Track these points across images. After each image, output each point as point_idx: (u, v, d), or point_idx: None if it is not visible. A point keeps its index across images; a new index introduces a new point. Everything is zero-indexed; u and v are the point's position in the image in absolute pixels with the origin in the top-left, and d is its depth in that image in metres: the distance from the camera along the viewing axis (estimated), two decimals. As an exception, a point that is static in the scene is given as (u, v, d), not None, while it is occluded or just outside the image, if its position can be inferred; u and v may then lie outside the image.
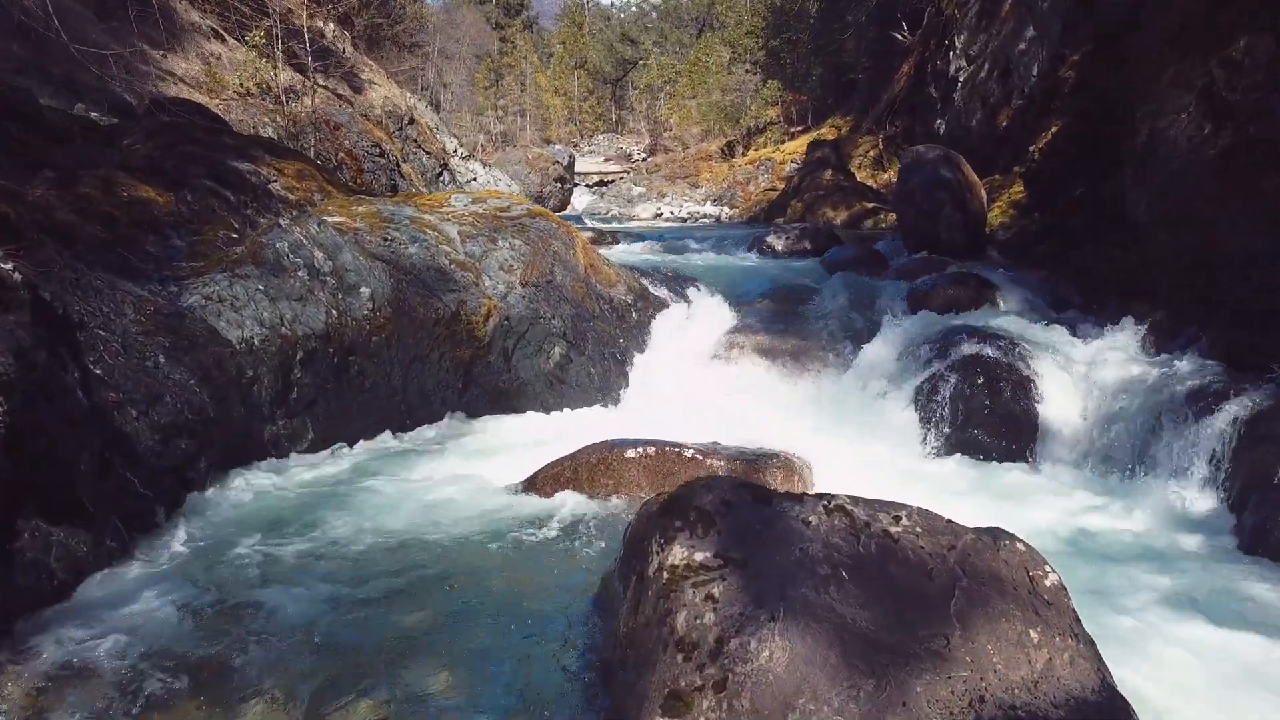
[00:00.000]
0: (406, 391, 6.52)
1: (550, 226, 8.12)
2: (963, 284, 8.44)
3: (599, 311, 7.91)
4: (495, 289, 6.99)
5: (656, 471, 5.30)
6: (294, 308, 5.72)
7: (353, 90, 22.81)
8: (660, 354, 8.03)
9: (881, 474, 5.52)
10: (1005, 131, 14.49)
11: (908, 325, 7.66)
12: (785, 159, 30.67)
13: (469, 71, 60.96)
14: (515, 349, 7.12)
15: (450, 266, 6.81)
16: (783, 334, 7.95)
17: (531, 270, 7.31)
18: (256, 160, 8.17)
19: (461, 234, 7.45)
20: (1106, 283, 8.40)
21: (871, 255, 10.38)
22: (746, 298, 8.91)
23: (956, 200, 11.88)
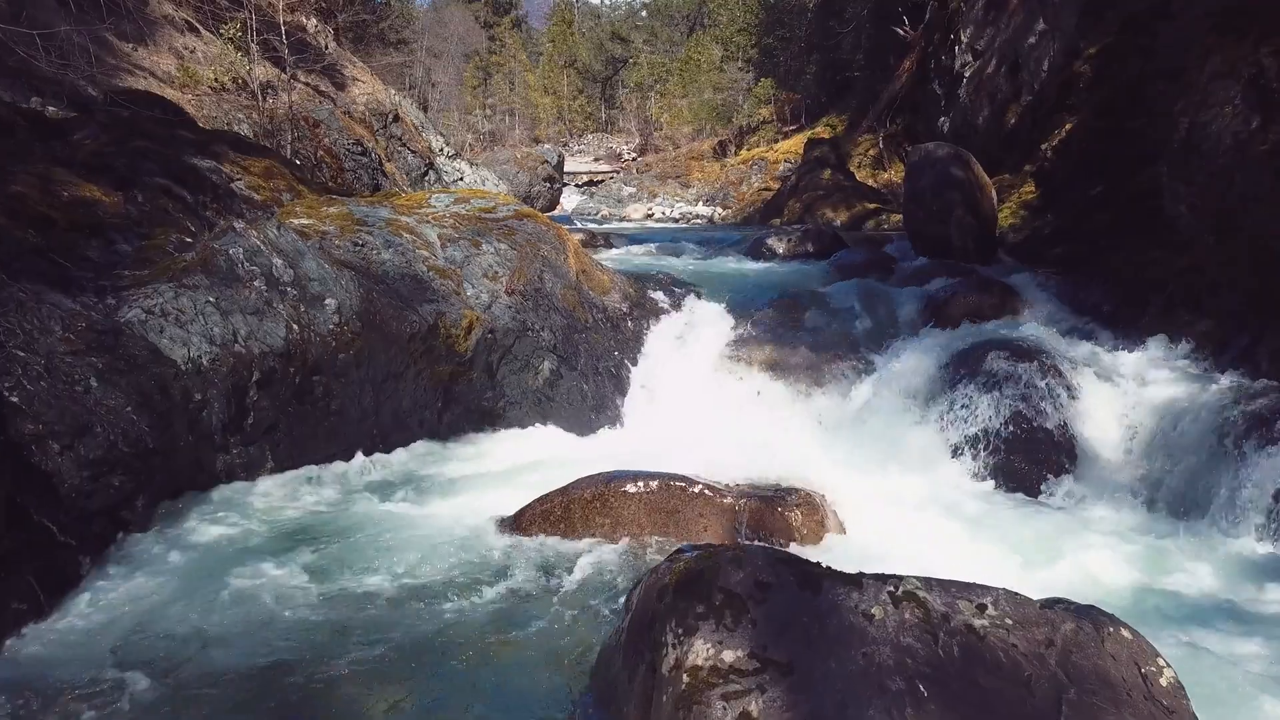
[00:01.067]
0: (379, 413, 5.86)
1: (539, 229, 7.47)
2: (985, 291, 7.82)
3: (592, 321, 7.26)
4: (478, 298, 6.33)
5: (659, 509, 4.66)
6: (249, 322, 5.05)
7: (335, 87, 22.10)
8: (658, 367, 7.39)
9: (911, 510, 4.89)
10: (1014, 129, 13.89)
11: (929, 337, 7.04)
12: (779, 158, 30.07)
13: (457, 70, 60.26)
14: (500, 364, 6.47)
15: (428, 274, 6.15)
16: (791, 345, 7.31)
17: (518, 277, 6.66)
18: (219, 157, 7.50)
19: (442, 237, 6.80)
20: (1142, 289, 7.79)
21: (881, 259, 9.76)
22: (750, 305, 8.27)
23: (968, 201, 11.26)
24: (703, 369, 7.33)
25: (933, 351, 6.56)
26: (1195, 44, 7.90)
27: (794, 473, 5.04)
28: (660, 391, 7.17)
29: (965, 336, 6.71)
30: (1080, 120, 11.86)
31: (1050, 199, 12.33)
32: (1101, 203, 10.97)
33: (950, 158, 11.46)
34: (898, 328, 7.69)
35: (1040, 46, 13.38)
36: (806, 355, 7.14)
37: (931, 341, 6.82)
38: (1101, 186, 11.19)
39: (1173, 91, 8.17)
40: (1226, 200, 6.91)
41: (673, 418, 6.91)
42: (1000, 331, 6.71)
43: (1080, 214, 11.41)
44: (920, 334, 7.34)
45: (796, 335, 7.52)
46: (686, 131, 43.01)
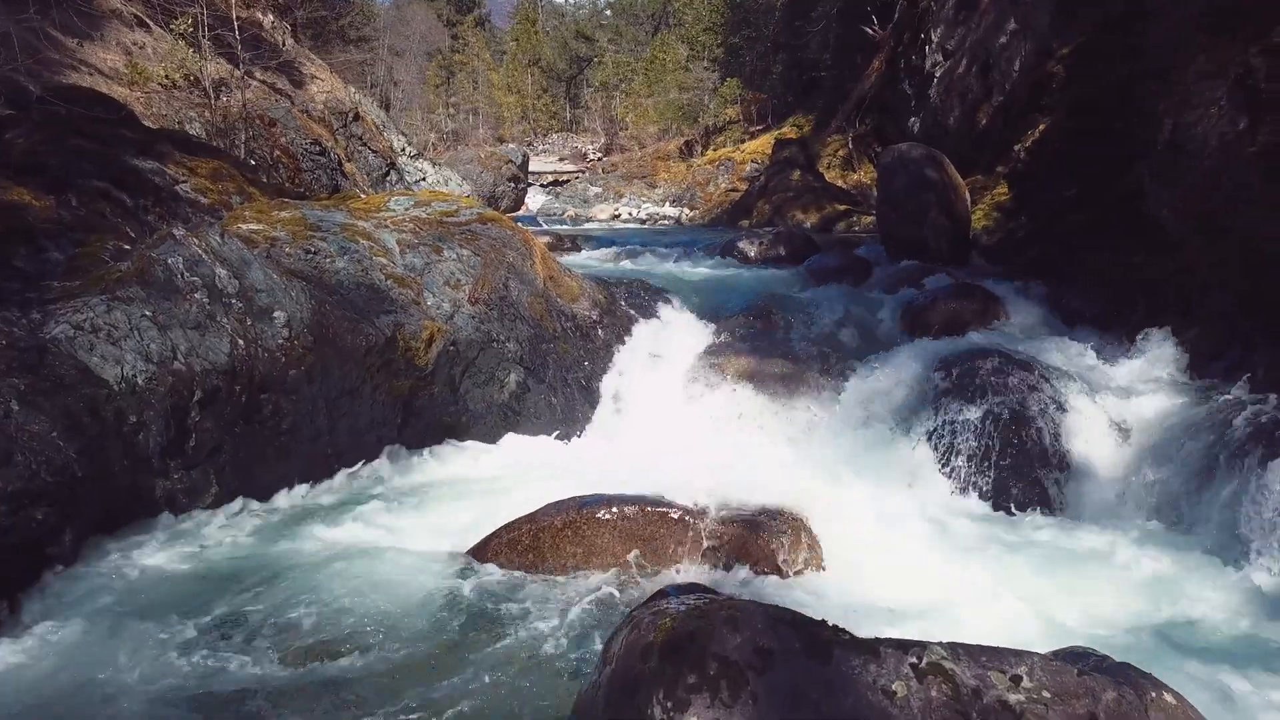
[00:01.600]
0: (334, 432, 5.49)
1: (504, 233, 7.12)
2: (966, 297, 7.58)
3: (560, 331, 6.93)
4: (439, 308, 5.98)
5: (636, 536, 4.34)
6: (190, 337, 4.66)
7: (293, 85, 21.53)
8: (630, 378, 7.07)
9: (901, 534, 4.61)
10: (985, 130, 13.74)
11: (911, 346, 6.78)
12: (746, 159, 29.90)
13: (420, 69, 59.53)
14: (463, 377, 6.11)
15: (386, 283, 5.79)
16: (768, 354, 7.02)
17: (482, 285, 6.31)
18: (163, 158, 7.09)
19: (401, 243, 6.43)
20: (1126, 293, 7.59)
21: (856, 263, 9.52)
22: (724, 312, 7.98)
23: (942, 203, 11.07)
24: (676, 380, 7.02)
25: (916, 361, 6.30)
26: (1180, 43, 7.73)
27: (776, 492, 4.74)
28: (633, 403, 6.85)
29: (950, 346, 6.46)
30: (1054, 121, 11.72)
31: (1024, 200, 12.18)
32: (1077, 204, 10.82)
33: (924, 159, 11.26)
34: (878, 335, 7.44)
35: (1012, 46, 13.24)
36: (784, 365, 6.85)
37: (914, 351, 6.56)
38: (1076, 188, 11.04)
39: (1154, 91, 7.99)
40: (1213, 202, 6.73)
41: (646, 431, 6.59)
42: (986, 341, 6.47)
43: (1055, 216, 11.26)
44: (902, 342, 7.09)
45: (773, 344, 7.23)
46: (652, 131, 42.76)
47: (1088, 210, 10.46)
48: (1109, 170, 10.04)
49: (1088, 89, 11.07)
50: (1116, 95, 10.26)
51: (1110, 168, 10.10)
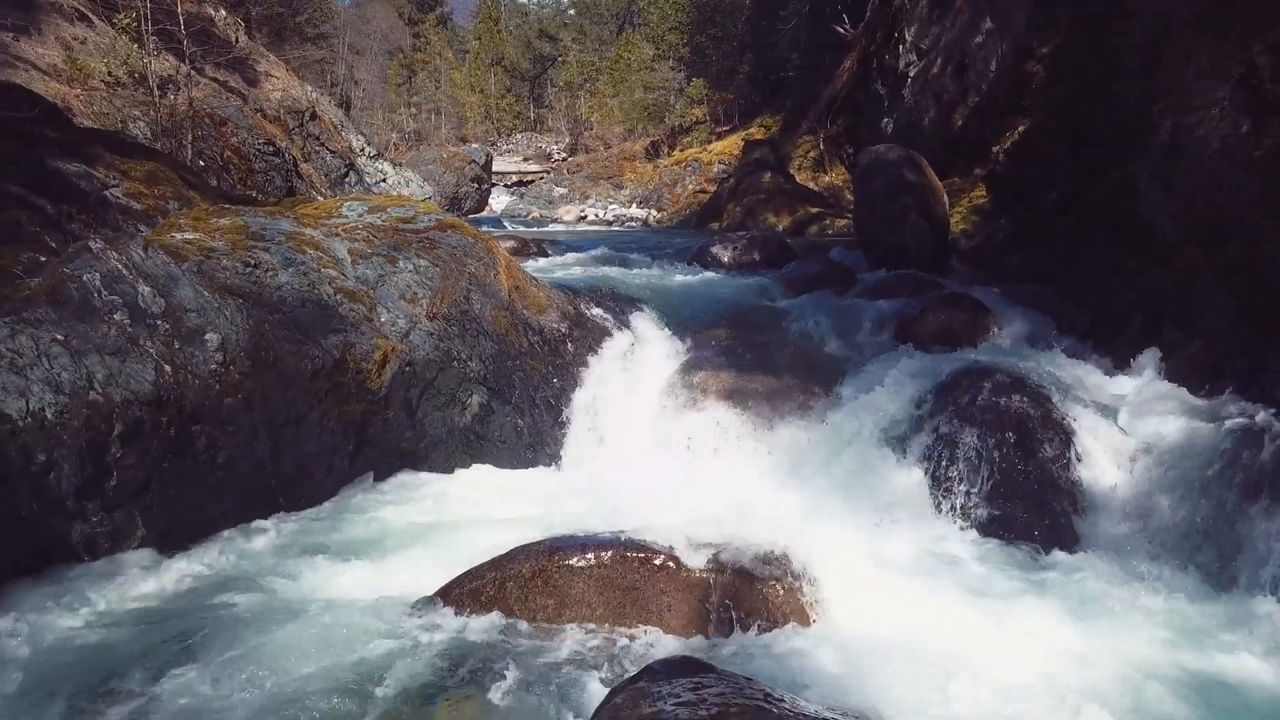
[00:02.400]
0: (278, 463, 4.97)
1: (465, 241, 6.62)
2: (955, 308, 7.20)
3: (527, 346, 6.44)
4: (394, 325, 5.47)
5: (614, 586, 3.88)
6: (108, 364, 4.13)
7: (247, 83, 20.82)
8: (603, 396, 6.60)
9: (904, 578, 4.18)
10: (962, 130, 13.44)
11: (901, 362, 6.36)
12: (713, 159, 29.55)
13: (381, 68, 58.65)
14: (421, 400, 5.61)
15: (334, 298, 5.27)
16: (749, 370, 6.59)
17: (441, 299, 5.81)
18: (92, 160, 6.51)
19: (353, 253, 5.91)
20: (1119, 303, 7.26)
21: (837, 270, 9.11)
22: (701, 323, 7.54)
23: (921, 207, 10.71)
24: (652, 397, 6.57)
25: (907, 377, 5.88)
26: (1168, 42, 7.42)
27: (767, 529, 4.29)
28: (606, 424, 6.39)
29: (943, 361, 6.05)
30: (1034, 122, 11.40)
31: (1003, 204, 11.87)
32: (1060, 208, 10.51)
33: (902, 161, 10.90)
34: (864, 348, 7.02)
35: (988, 46, 12.94)
36: (767, 382, 6.42)
37: (905, 366, 6.14)
38: (1058, 191, 10.73)
39: (1144, 92, 7.67)
40: (1213, 208, 6.39)
41: (621, 455, 6.14)
42: (982, 357, 6.07)
43: (1037, 220, 10.93)
44: (890, 357, 6.68)
45: (754, 359, 6.79)
46: (618, 131, 42.31)
47: (1070, 215, 10.15)
48: (1094, 173, 9.73)
49: (1069, 90, 10.76)
50: (1100, 96, 9.96)
51: (1095, 171, 9.80)
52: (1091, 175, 9.92)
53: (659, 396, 6.52)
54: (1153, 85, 7.72)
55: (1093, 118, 10.11)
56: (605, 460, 6.10)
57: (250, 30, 23.82)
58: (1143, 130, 7.57)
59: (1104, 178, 9.61)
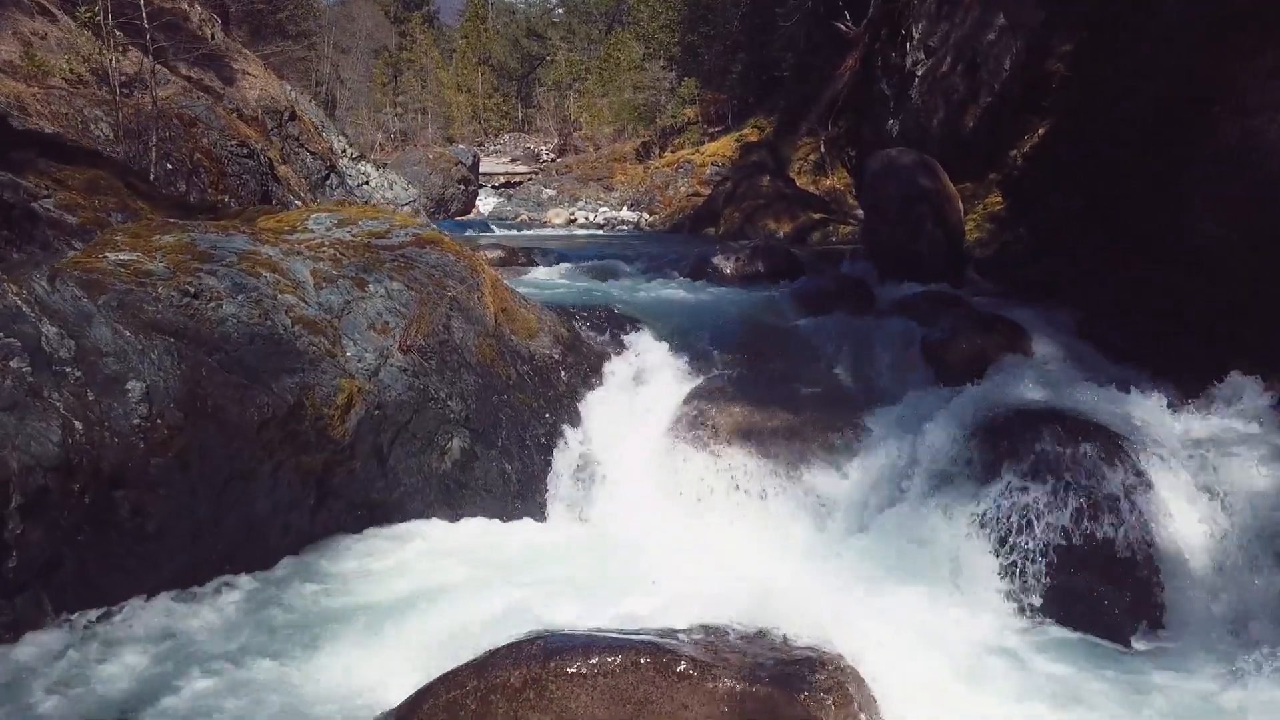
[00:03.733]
0: (222, 526, 4.22)
1: (446, 259, 5.87)
2: (988, 330, 6.49)
3: (516, 378, 5.71)
4: (361, 361, 4.72)
5: (624, 700, 3.14)
6: (3, 423, 3.37)
7: (222, 81, 19.97)
8: (601, 433, 5.87)
9: (966, 682, 3.46)
10: (973, 132, 12.75)
11: (937, 395, 5.67)
12: (706, 161, 28.81)
13: (367, 67, 57.74)
14: (394, 446, 4.87)
15: (291, 331, 4.51)
16: (764, 404, 5.86)
17: (417, 328, 5.06)
18: (21, 167, 5.76)
19: (317, 275, 5.16)
20: (1167, 326, 6.58)
21: (851, 286, 8.39)
22: (708, 346, 6.81)
23: (937, 214, 10.03)
24: (656, 435, 5.83)
25: (947, 418, 5.16)
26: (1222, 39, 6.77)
27: (800, 614, 3.56)
28: (605, 467, 5.65)
29: (986, 397, 5.33)
30: (1055, 124, 10.73)
31: (1020, 211, 11.18)
32: (1083, 216, 9.83)
33: (916, 166, 10.21)
34: (891, 378, 6.31)
35: (1000, 43, 12.26)
36: (787, 419, 5.69)
37: (942, 403, 5.44)
38: (1081, 198, 10.05)
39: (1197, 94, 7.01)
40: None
41: (622, 504, 5.40)
42: (1029, 389, 5.34)
43: (1058, 228, 10.26)
44: (921, 387, 5.98)
45: (770, 390, 6.07)
46: (607, 132, 41.52)
47: (1097, 223, 9.48)
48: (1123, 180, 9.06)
49: (1094, 90, 10.08)
50: (1131, 97, 9.28)
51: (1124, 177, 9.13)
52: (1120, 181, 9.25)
53: (664, 434, 5.79)
54: (1194, 86, 7.07)
55: (1121, 120, 9.43)
56: (604, 510, 5.37)
57: (227, 26, 22.98)
58: (1189, 134, 6.91)
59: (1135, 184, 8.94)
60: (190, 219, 7.52)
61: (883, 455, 5.22)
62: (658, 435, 5.83)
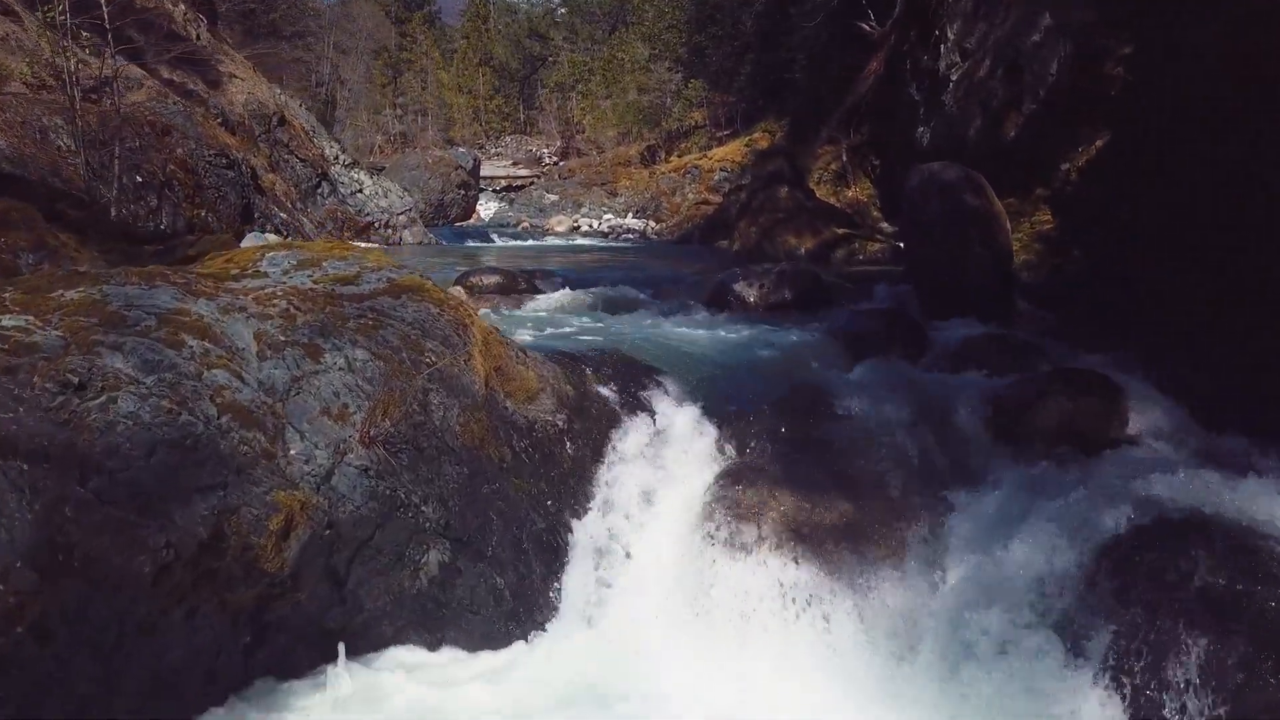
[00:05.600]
0: (119, 687, 3.15)
1: (426, 313, 4.81)
2: (1079, 391, 5.40)
3: (510, 459, 4.64)
4: (309, 462, 3.65)
5: None
6: None
7: (207, 85, 18.95)
8: (616, 525, 4.81)
9: None
10: (1014, 143, 11.67)
11: (1030, 479, 4.62)
12: (714, 166, 27.79)
13: (367, 68, 56.80)
14: (354, 565, 3.79)
15: (215, 428, 3.44)
16: (816, 487, 4.79)
17: (385, 411, 4.00)
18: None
19: (262, 340, 4.09)
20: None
21: (900, 324, 7.31)
22: (739, 403, 5.74)
23: (985, 237, 8.96)
24: (683, 529, 4.76)
25: (1057, 521, 4.09)
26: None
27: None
28: (621, 571, 4.58)
29: (1100, 490, 4.26)
30: (1115, 135, 9.65)
31: (1073, 231, 10.12)
32: (1150, 239, 8.77)
33: (961, 182, 9.14)
34: (964, 450, 5.24)
35: (1046, 45, 11.18)
36: (845, 509, 4.62)
37: (1043, 495, 4.37)
38: (1147, 219, 8.98)
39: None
40: None
41: (639, 624, 4.33)
42: (1155, 486, 4.26)
43: (1118, 252, 9.21)
44: (1001, 466, 4.93)
45: (821, 467, 5.00)
46: (611, 135, 40.48)
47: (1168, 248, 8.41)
48: (1202, 199, 7.99)
49: (1162, 96, 9.00)
50: (1210, 105, 8.20)
51: (1204, 196, 8.07)
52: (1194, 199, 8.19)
53: (692, 526, 4.72)
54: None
55: (1199, 131, 8.35)
56: (623, 633, 4.29)
57: (214, 26, 21.93)
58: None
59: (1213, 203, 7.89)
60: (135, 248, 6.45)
61: (974, 565, 4.14)
62: (684, 528, 4.76)
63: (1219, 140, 7.84)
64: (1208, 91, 7.90)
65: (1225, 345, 6.59)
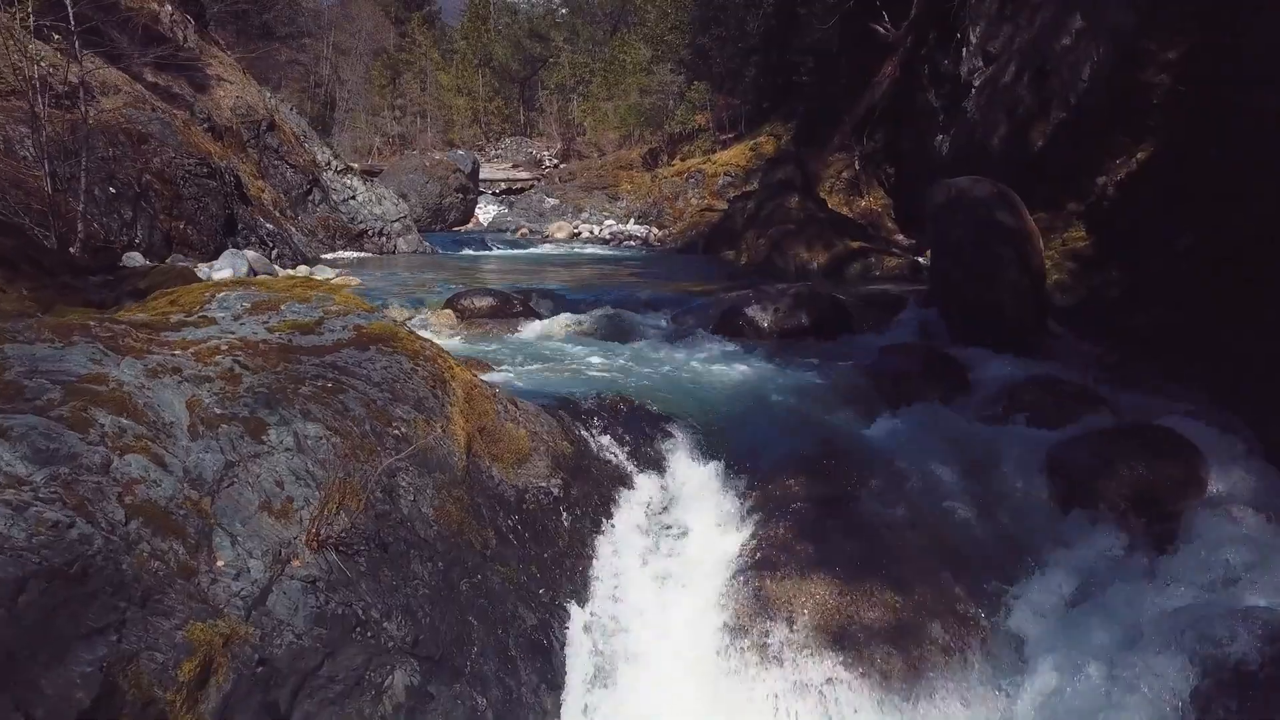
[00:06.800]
0: None
1: (397, 368, 4.10)
2: (1156, 453, 4.69)
3: (495, 542, 3.93)
4: (240, 578, 2.92)
5: None
6: None
7: (194, 89, 18.22)
8: (620, 616, 4.09)
9: None
10: (1042, 154, 10.95)
11: (1110, 566, 3.91)
12: (718, 171, 27.04)
13: (366, 69, 56.14)
14: (298, 699, 3.07)
15: (120, 537, 2.72)
16: (856, 571, 4.08)
17: (340, 502, 3.28)
18: None
19: (196, 410, 3.38)
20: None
21: (936, 361, 6.58)
22: (762, 464, 5.04)
23: (1020, 258, 8.26)
24: (701, 620, 4.05)
25: (1162, 640, 3.38)
26: None
27: None
28: (627, 676, 3.86)
29: (1210, 591, 3.55)
30: (1161, 147, 8.93)
31: (1111, 249, 9.40)
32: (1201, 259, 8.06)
33: (994, 199, 8.44)
34: (1024, 523, 4.52)
35: (1078, 49, 10.46)
36: (892, 600, 3.91)
37: (1131, 592, 3.66)
38: (1197, 236, 8.27)
39: None
40: None
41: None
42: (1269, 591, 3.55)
43: (1165, 273, 8.49)
44: (1078, 544, 4.21)
45: (857, 541, 4.29)
46: (613, 138, 39.74)
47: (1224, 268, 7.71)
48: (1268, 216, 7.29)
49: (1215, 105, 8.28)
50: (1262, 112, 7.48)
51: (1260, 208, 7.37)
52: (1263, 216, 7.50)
53: (712, 623, 4.01)
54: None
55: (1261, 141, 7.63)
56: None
57: (203, 28, 21.21)
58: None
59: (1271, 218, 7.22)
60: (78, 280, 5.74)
61: (1053, 684, 3.42)
62: (702, 621, 4.05)
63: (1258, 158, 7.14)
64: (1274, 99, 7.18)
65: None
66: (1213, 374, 6.54)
